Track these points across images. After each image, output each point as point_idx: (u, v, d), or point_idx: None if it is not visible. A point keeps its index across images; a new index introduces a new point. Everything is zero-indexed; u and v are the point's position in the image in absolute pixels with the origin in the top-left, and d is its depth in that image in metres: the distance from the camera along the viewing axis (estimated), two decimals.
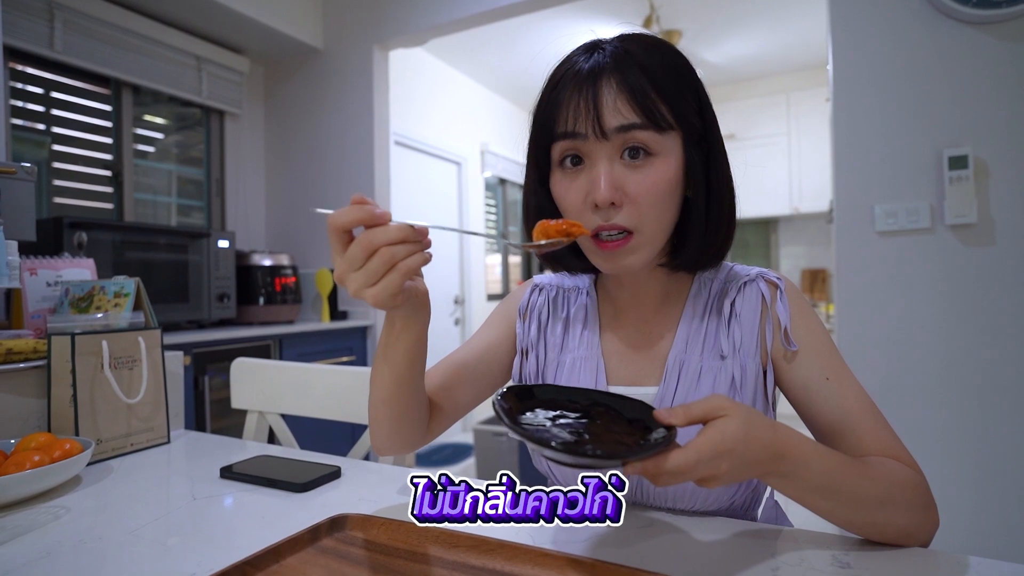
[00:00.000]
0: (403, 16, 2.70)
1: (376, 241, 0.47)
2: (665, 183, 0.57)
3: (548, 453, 0.43)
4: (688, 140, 0.58)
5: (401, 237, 0.48)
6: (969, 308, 1.60)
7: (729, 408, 0.45)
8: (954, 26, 1.60)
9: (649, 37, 0.60)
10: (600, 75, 0.56)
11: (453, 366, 0.73)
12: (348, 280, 0.49)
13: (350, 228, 0.49)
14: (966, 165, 1.57)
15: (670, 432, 0.45)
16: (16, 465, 0.69)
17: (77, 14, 2.22)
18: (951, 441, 1.61)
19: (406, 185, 3.49)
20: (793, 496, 0.50)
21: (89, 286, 1.07)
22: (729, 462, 0.43)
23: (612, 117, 0.55)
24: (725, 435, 0.43)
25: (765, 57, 4.10)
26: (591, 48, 0.59)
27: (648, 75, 0.56)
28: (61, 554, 0.55)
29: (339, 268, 0.49)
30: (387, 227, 0.48)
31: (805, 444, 0.49)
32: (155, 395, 0.96)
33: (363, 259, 0.48)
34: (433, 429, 0.70)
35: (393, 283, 0.48)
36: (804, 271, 4.61)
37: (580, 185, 0.58)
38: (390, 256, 0.47)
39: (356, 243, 0.48)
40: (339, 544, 0.55)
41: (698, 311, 0.65)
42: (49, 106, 2.24)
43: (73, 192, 2.31)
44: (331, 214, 0.49)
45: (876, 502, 0.50)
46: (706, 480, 0.44)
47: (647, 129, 0.55)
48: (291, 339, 2.40)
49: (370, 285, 0.48)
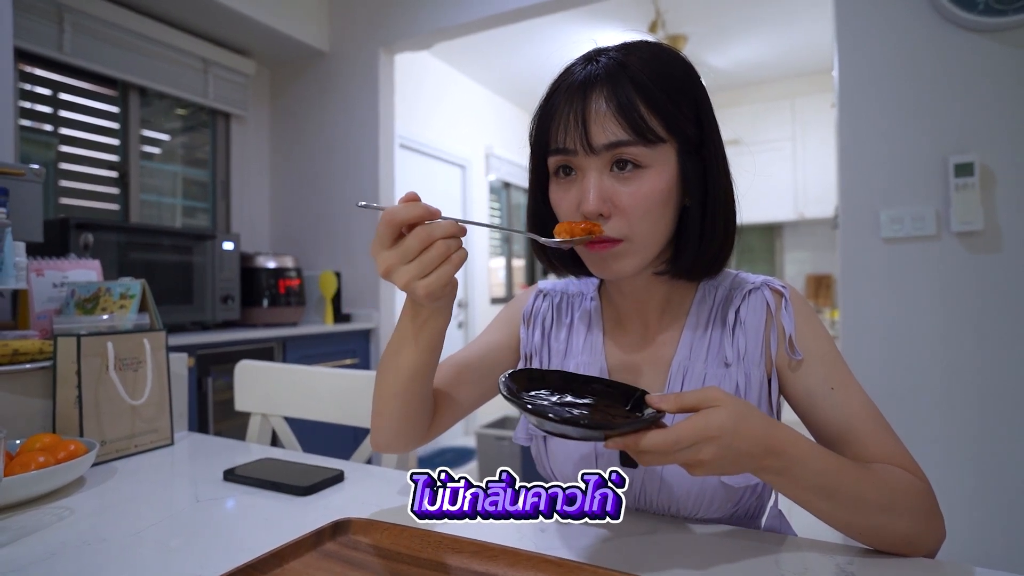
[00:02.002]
0: (409, 20, 2.71)
1: (434, 234, 0.49)
2: (655, 194, 0.57)
3: (533, 420, 0.45)
4: (683, 150, 0.58)
5: (454, 231, 0.50)
6: (975, 315, 1.59)
7: (722, 399, 0.46)
8: (960, 33, 1.60)
9: (651, 46, 0.60)
10: (591, 89, 0.56)
11: (456, 366, 0.73)
12: (398, 272, 0.50)
13: (408, 223, 0.50)
14: (972, 172, 1.56)
15: (658, 414, 0.46)
16: (21, 466, 0.69)
17: (86, 16, 2.24)
18: (957, 449, 1.60)
19: (410, 188, 3.44)
20: (791, 495, 0.50)
21: (95, 287, 1.08)
22: (714, 450, 0.44)
23: (599, 133, 0.56)
24: (710, 423, 0.44)
25: (770, 62, 4.10)
26: (589, 59, 0.59)
27: (639, 89, 0.55)
28: (66, 555, 0.55)
29: (387, 260, 0.50)
30: (441, 222, 0.50)
31: (802, 443, 0.49)
32: (159, 397, 0.96)
33: (419, 250, 0.49)
34: (434, 428, 0.70)
35: (446, 274, 0.50)
36: (809, 276, 4.60)
37: (572, 196, 0.58)
38: (445, 248, 0.50)
39: (413, 235, 0.50)
40: (342, 548, 0.55)
41: (702, 318, 0.65)
42: (57, 107, 2.26)
43: (79, 193, 2.32)
44: (388, 209, 0.50)
45: (877, 506, 0.50)
46: (692, 466, 0.45)
47: (635, 144, 0.55)
48: (295, 341, 2.40)
49: (422, 276, 0.50)
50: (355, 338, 2.70)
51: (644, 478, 0.62)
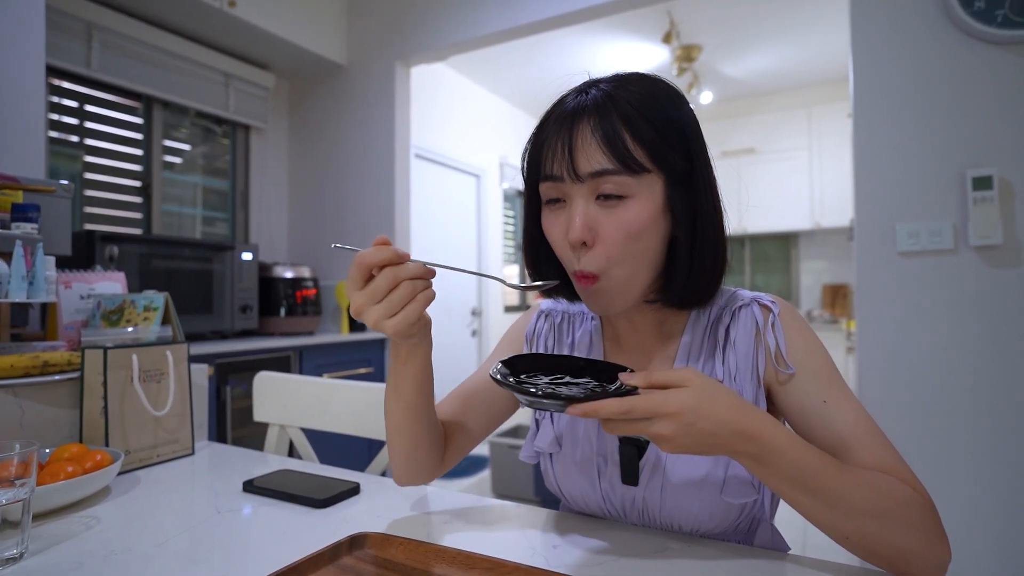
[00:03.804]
0: (425, 33, 2.75)
1: (400, 275, 0.53)
2: (637, 224, 0.57)
3: (503, 390, 0.51)
4: (670, 181, 0.59)
5: (420, 272, 0.54)
6: (994, 330, 1.57)
7: (691, 380, 0.49)
8: (978, 46, 1.59)
9: (643, 78, 0.62)
10: (579, 119, 0.58)
11: (463, 396, 0.75)
12: (368, 312, 0.54)
13: (377, 266, 0.54)
14: (991, 186, 1.55)
15: (627, 389, 0.50)
16: (51, 475, 0.71)
17: (114, 33, 2.31)
18: (975, 467, 1.58)
19: (425, 197, 3.53)
20: (771, 485, 0.51)
21: (120, 300, 1.11)
22: (674, 427, 0.47)
23: (584, 162, 0.57)
24: (669, 400, 0.47)
25: (786, 71, 4.08)
26: (580, 91, 0.61)
27: (625, 120, 0.57)
28: (92, 564, 0.57)
29: (359, 301, 0.54)
30: (409, 264, 0.54)
31: (781, 432, 0.50)
32: (181, 407, 0.99)
33: (386, 291, 0.53)
34: (448, 459, 0.73)
35: (413, 312, 0.54)
36: (825, 287, 4.55)
37: (561, 223, 0.60)
38: (411, 288, 0.53)
39: (381, 276, 0.53)
40: (358, 563, 0.56)
41: (696, 338, 0.66)
42: (83, 119, 2.33)
43: (103, 202, 2.39)
44: (360, 252, 0.54)
45: (864, 512, 0.50)
46: (657, 441, 0.48)
47: (619, 174, 0.57)
48: (311, 350, 2.43)
49: (390, 315, 0.53)
50: (370, 347, 2.73)
51: (645, 494, 0.64)
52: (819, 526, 0.52)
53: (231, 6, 2.36)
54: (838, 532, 0.51)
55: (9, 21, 1.51)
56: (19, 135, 1.51)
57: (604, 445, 0.66)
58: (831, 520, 0.51)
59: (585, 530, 0.64)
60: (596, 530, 0.64)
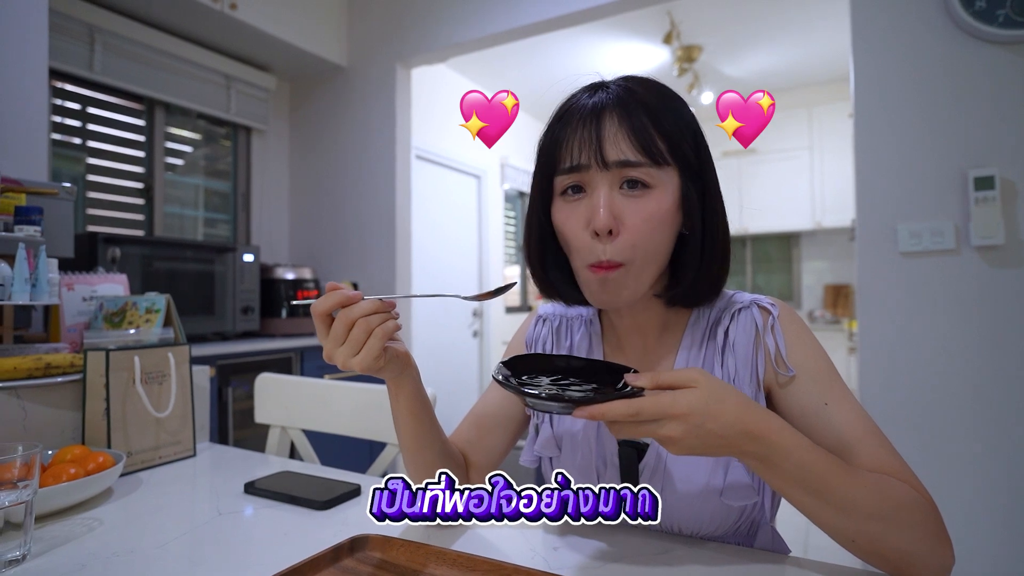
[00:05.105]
0: (426, 35, 2.75)
1: (352, 315, 0.54)
2: (660, 213, 0.59)
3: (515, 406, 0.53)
4: (684, 175, 0.61)
5: (373, 309, 0.55)
6: (997, 330, 1.56)
7: (699, 381, 0.48)
8: (979, 45, 1.59)
9: (650, 79, 0.64)
10: (603, 112, 0.59)
11: (476, 419, 0.76)
12: (335, 355, 0.55)
13: (330, 311, 0.55)
14: (993, 186, 1.54)
15: (633, 391, 0.49)
16: (54, 477, 0.72)
17: (116, 36, 2.31)
18: (977, 468, 1.57)
19: (426, 198, 3.54)
20: (776, 486, 0.51)
21: (122, 302, 1.11)
22: (682, 428, 0.46)
23: (613, 151, 0.58)
24: (677, 401, 0.47)
25: (787, 71, 4.08)
26: (595, 88, 0.63)
27: (649, 113, 0.59)
28: (96, 566, 0.58)
29: (326, 347, 0.56)
30: (361, 303, 0.55)
31: (787, 433, 0.50)
32: (183, 409, 0.99)
33: (344, 332, 0.54)
34: (473, 480, 0.73)
35: (374, 348, 0.55)
36: (827, 286, 4.55)
37: (581, 213, 0.60)
38: (366, 325, 0.54)
39: (337, 320, 0.55)
40: (359, 564, 0.56)
41: (696, 340, 0.66)
42: (85, 122, 2.33)
43: (105, 204, 2.39)
44: (312, 303, 0.56)
45: (868, 513, 0.50)
46: (664, 443, 0.48)
47: (645, 165, 0.58)
48: (312, 352, 2.44)
49: (354, 354, 0.55)
50: None
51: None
52: (823, 528, 0.52)
53: (232, 9, 2.37)
54: (842, 534, 0.51)
55: (12, 24, 1.52)
56: (22, 138, 1.51)
57: (604, 448, 0.66)
58: (836, 522, 0.50)
59: (585, 532, 0.64)
60: (596, 532, 0.64)
